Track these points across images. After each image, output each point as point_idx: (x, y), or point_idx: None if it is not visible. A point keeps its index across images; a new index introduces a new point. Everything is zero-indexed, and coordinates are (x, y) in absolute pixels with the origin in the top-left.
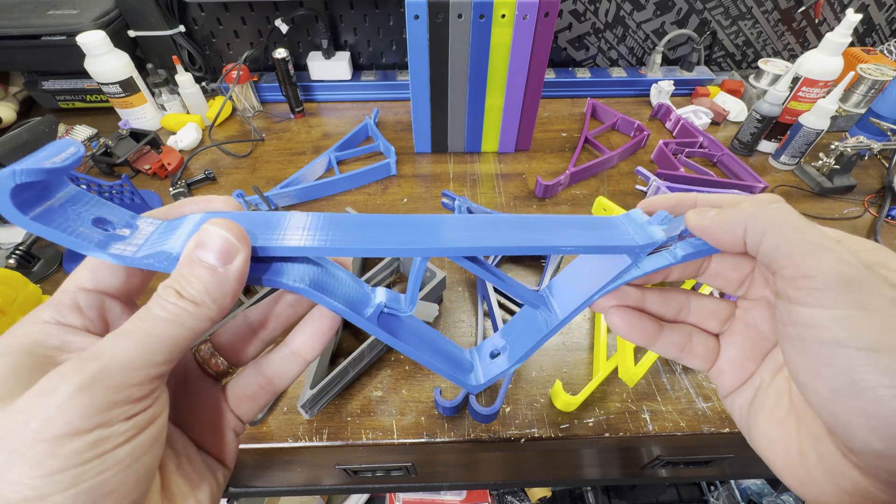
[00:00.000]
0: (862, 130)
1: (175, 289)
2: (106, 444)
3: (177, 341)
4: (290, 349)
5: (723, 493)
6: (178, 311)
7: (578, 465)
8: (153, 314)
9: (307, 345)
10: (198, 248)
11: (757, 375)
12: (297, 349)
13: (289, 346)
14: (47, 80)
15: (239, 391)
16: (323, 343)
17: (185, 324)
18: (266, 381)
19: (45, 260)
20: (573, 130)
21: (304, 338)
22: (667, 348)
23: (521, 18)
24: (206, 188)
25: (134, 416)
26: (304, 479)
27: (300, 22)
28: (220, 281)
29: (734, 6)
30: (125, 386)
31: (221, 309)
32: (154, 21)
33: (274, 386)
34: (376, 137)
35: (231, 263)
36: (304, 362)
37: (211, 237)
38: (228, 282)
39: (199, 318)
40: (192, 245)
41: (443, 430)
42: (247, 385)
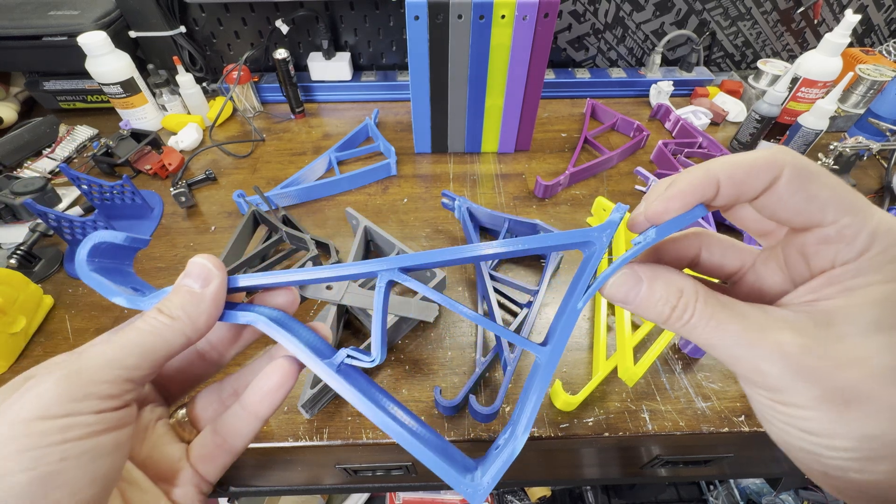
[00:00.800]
0: (861, 131)
1: (158, 307)
2: (73, 432)
3: (151, 349)
4: (241, 406)
5: (722, 492)
6: (156, 323)
7: (578, 464)
8: (135, 326)
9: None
10: (183, 276)
11: None
12: (249, 406)
13: (242, 403)
14: (48, 81)
15: (198, 452)
16: (276, 400)
17: (162, 334)
18: (221, 441)
19: (46, 260)
20: (573, 131)
21: (256, 395)
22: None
23: (521, 19)
24: (206, 188)
25: (102, 411)
26: (305, 478)
27: (300, 23)
28: (197, 300)
29: (733, 7)
30: (97, 381)
31: (196, 326)
32: (155, 22)
33: (230, 446)
34: (376, 138)
35: (207, 287)
36: (257, 420)
37: (193, 266)
38: (204, 301)
39: (175, 330)
40: (181, 276)
41: (443, 429)
42: (204, 445)
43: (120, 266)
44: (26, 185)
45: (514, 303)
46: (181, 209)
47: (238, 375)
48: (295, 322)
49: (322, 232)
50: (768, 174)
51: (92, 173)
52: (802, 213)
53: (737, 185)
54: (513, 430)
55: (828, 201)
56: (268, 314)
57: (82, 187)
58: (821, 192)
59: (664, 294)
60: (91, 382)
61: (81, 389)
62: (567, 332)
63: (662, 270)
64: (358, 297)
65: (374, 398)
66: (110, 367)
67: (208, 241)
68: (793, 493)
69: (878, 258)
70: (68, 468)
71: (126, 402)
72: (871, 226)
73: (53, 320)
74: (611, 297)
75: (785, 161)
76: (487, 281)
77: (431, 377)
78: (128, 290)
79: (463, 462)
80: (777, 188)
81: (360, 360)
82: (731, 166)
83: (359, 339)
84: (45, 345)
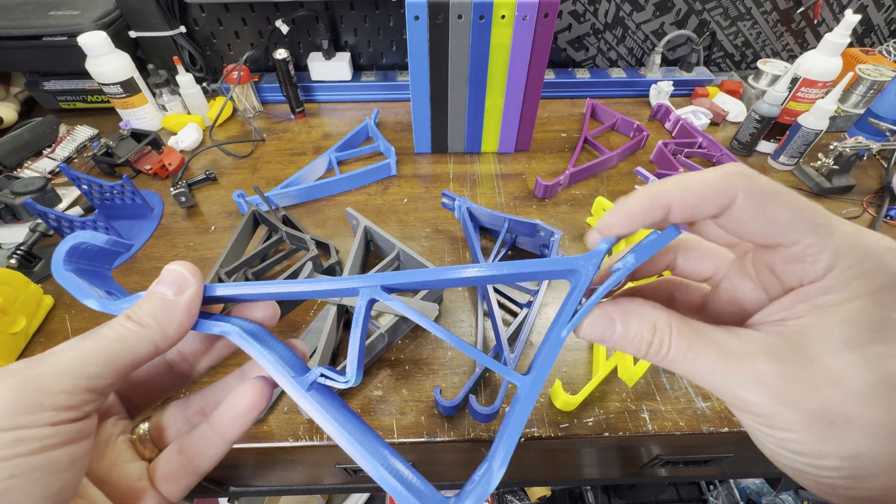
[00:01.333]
0: (861, 131)
1: (127, 314)
2: (24, 446)
3: (115, 358)
4: (211, 427)
5: (722, 492)
6: (123, 330)
7: (578, 464)
8: (100, 332)
9: (229, 424)
10: (156, 283)
11: None
12: (217, 428)
13: (211, 423)
14: (48, 81)
15: (161, 472)
16: (245, 422)
17: (128, 342)
18: (186, 461)
19: (46, 260)
20: (573, 131)
21: (226, 416)
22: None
23: (521, 19)
24: (206, 188)
25: (58, 423)
26: (305, 478)
27: (300, 23)
28: (168, 307)
29: (733, 7)
30: (54, 391)
31: (165, 334)
32: (155, 22)
33: (195, 466)
34: (376, 138)
35: (181, 294)
36: (225, 441)
37: (168, 273)
38: (176, 309)
39: (142, 338)
40: (154, 283)
41: (443, 429)
42: (167, 464)
43: (99, 269)
44: (26, 185)
45: (514, 303)
46: (181, 209)
47: (206, 392)
48: (271, 337)
49: (322, 232)
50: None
51: (92, 173)
52: (763, 234)
53: (689, 209)
54: (489, 465)
55: (788, 222)
56: (243, 326)
57: (82, 187)
58: (779, 213)
59: (638, 331)
60: (46, 392)
61: (34, 399)
62: (549, 362)
63: (634, 306)
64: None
65: (341, 420)
66: (69, 376)
67: (208, 241)
68: (793, 493)
69: (844, 275)
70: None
71: (85, 413)
72: (835, 244)
73: (53, 320)
74: (587, 337)
75: (738, 185)
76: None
77: (431, 377)
78: (101, 294)
79: (433, 497)
80: (734, 211)
81: (334, 381)
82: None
83: None
84: (46, 345)
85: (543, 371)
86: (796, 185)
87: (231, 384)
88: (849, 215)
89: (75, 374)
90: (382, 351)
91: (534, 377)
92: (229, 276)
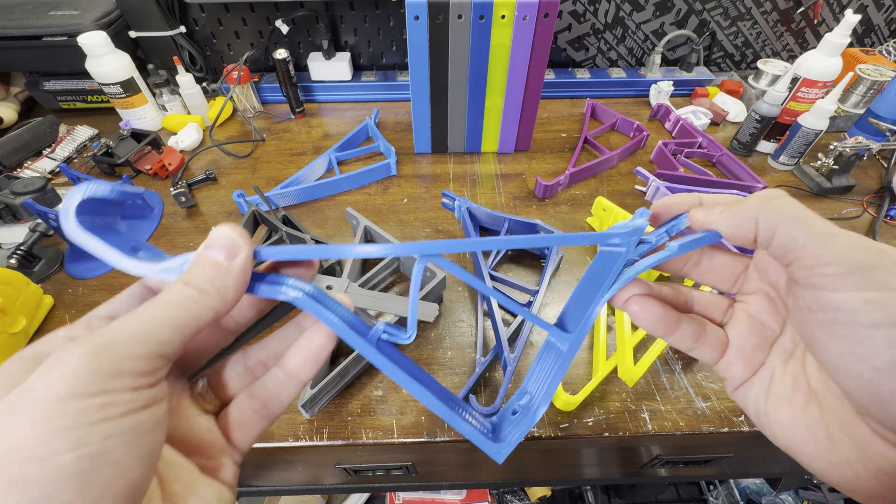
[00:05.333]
0: (861, 131)
1: (183, 280)
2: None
3: (180, 324)
4: (283, 371)
5: (722, 492)
6: (183, 297)
7: (578, 464)
8: (160, 300)
9: (301, 365)
10: (206, 248)
11: (767, 365)
12: (291, 370)
13: (283, 367)
14: (48, 81)
15: (233, 419)
16: (317, 363)
17: (190, 309)
18: (260, 406)
19: (47, 260)
20: (573, 131)
21: (298, 358)
22: (683, 338)
23: (521, 19)
24: (206, 188)
25: (138, 388)
26: (305, 478)
27: (301, 23)
28: (224, 273)
29: (733, 7)
30: (130, 357)
31: (224, 300)
32: (155, 22)
33: (268, 410)
34: (376, 138)
35: (234, 259)
36: (298, 384)
37: (217, 237)
38: (231, 274)
39: (203, 305)
40: (203, 246)
41: (443, 429)
42: (240, 411)
43: (111, 225)
44: (26, 185)
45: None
46: (181, 209)
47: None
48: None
49: (322, 232)
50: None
51: (92, 173)
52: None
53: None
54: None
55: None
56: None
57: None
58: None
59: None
60: (122, 358)
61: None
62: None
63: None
64: (357, 297)
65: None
66: (142, 343)
67: None
68: (793, 493)
69: None
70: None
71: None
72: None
73: (53, 320)
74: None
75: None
76: (487, 281)
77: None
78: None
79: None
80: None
81: (396, 337)
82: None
83: None
84: None
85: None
86: (796, 185)
87: (289, 335)
88: (849, 215)
89: (148, 339)
90: None
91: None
92: None
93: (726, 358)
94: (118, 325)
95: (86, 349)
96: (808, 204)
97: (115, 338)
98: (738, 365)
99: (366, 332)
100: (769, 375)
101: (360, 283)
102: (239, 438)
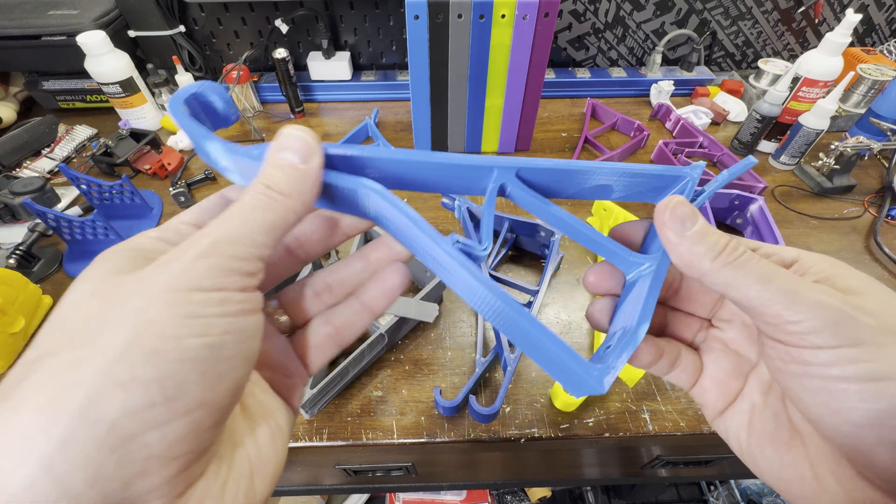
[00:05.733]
0: (862, 130)
1: (265, 183)
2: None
3: (271, 225)
4: (360, 301)
5: (722, 492)
6: (268, 200)
7: (578, 464)
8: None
9: (377, 299)
10: (280, 150)
11: (746, 396)
12: (366, 301)
13: (359, 298)
14: (47, 81)
15: (307, 341)
16: (391, 298)
17: (277, 211)
18: (335, 332)
19: (46, 260)
20: (573, 130)
21: (374, 292)
22: (661, 365)
23: (521, 19)
24: (206, 188)
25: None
26: (305, 478)
27: (300, 22)
28: (302, 176)
29: (734, 6)
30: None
31: (304, 203)
32: (154, 21)
33: (341, 336)
34: (376, 137)
35: (309, 162)
36: (372, 315)
37: (291, 140)
38: (309, 177)
39: (288, 207)
40: (275, 148)
41: (443, 430)
42: (315, 335)
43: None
44: (25, 184)
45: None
46: (180, 209)
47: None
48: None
49: None
50: None
51: (91, 173)
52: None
53: None
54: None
55: None
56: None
57: (81, 187)
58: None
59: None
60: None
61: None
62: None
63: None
64: None
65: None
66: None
67: None
68: None
69: None
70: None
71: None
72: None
73: None
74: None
75: None
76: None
77: (431, 377)
78: None
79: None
80: None
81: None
82: None
83: None
84: None
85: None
86: (797, 185)
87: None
88: (850, 215)
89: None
90: (382, 351)
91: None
92: None
93: (701, 384)
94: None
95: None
96: (808, 204)
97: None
98: (712, 391)
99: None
100: (748, 408)
101: None
102: (312, 360)
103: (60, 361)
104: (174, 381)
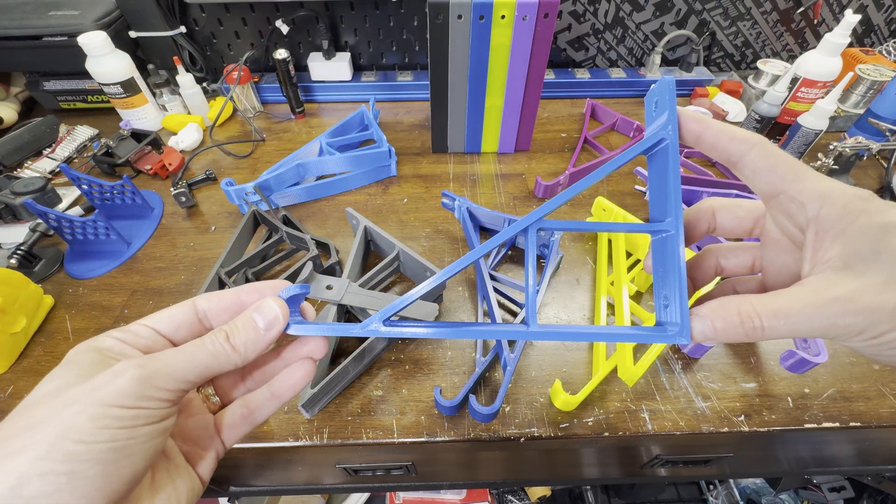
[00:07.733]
0: (860, 131)
1: (227, 332)
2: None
3: (209, 369)
4: (270, 389)
5: (722, 492)
6: (220, 349)
7: (578, 464)
8: (202, 346)
9: (285, 390)
10: (255, 310)
11: None
12: (276, 391)
13: (270, 386)
14: (49, 81)
15: (226, 420)
16: (296, 390)
17: (220, 360)
18: (248, 413)
19: (47, 260)
20: (573, 131)
21: (281, 385)
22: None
23: (521, 19)
24: (206, 188)
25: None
26: (305, 478)
27: (301, 23)
28: (258, 339)
29: (733, 7)
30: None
31: (246, 359)
32: (155, 22)
33: (253, 417)
34: (371, 125)
35: (270, 331)
36: (280, 402)
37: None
38: (263, 342)
39: (231, 359)
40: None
41: (443, 429)
42: (232, 414)
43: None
44: (26, 185)
45: (513, 303)
46: (181, 209)
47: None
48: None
49: (322, 232)
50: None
51: (92, 173)
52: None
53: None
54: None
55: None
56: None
57: (82, 187)
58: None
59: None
60: (158, 388)
61: (151, 391)
62: (679, 206)
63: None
64: (357, 297)
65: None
66: (174, 379)
67: (208, 241)
68: (792, 493)
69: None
70: (133, 445)
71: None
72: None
73: (54, 320)
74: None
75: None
76: (487, 281)
77: (431, 377)
78: None
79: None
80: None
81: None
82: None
83: None
84: (46, 345)
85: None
86: None
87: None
88: None
89: (180, 378)
90: (382, 351)
91: (674, 219)
92: (229, 276)
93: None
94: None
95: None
96: None
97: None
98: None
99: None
100: None
101: (360, 283)
102: (227, 436)
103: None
104: (80, 475)
